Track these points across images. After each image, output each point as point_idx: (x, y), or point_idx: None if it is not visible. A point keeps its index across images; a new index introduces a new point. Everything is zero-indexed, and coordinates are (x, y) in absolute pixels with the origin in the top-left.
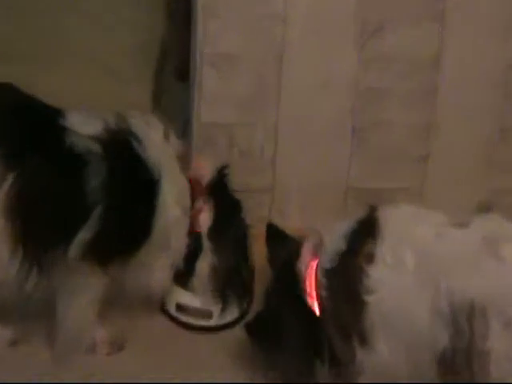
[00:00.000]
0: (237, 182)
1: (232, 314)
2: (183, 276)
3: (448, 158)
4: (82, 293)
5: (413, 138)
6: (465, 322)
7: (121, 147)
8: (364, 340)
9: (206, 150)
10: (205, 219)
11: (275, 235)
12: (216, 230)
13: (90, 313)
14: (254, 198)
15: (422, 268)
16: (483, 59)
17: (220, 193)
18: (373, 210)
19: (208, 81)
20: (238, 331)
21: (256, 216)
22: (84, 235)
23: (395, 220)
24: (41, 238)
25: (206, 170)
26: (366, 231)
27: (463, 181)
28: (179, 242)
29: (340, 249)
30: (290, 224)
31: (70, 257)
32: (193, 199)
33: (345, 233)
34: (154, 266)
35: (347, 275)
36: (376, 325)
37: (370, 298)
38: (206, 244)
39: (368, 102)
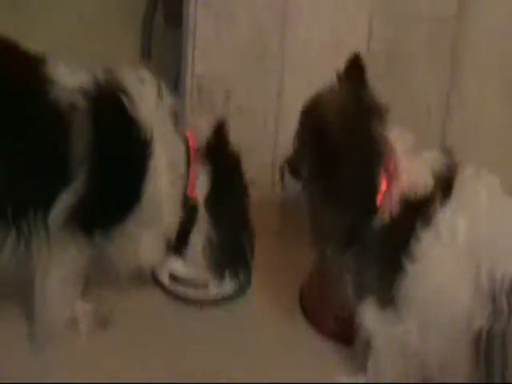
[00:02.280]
0: (234, 140)
1: (230, 286)
2: (177, 244)
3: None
4: (61, 265)
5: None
6: (504, 301)
7: (109, 104)
8: (392, 306)
9: (201, 106)
10: (201, 187)
11: (357, 69)
12: (213, 199)
13: (69, 286)
14: (252, 159)
15: (471, 240)
16: None
17: (218, 155)
18: (454, 167)
19: (203, 27)
20: (235, 305)
21: (254, 176)
22: (66, 199)
23: (469, 187)
24: (20, 199)
25: (202, 130)
26: (439, 189)
27: (491, 163)
28: (172, 213)
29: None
30: None
31: (51, 222)
32: (188, 164)
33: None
34: (144, 239)
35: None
36: (410, 297)
37: (411, 268)
38: (202, 214)
39: (386, 66)
